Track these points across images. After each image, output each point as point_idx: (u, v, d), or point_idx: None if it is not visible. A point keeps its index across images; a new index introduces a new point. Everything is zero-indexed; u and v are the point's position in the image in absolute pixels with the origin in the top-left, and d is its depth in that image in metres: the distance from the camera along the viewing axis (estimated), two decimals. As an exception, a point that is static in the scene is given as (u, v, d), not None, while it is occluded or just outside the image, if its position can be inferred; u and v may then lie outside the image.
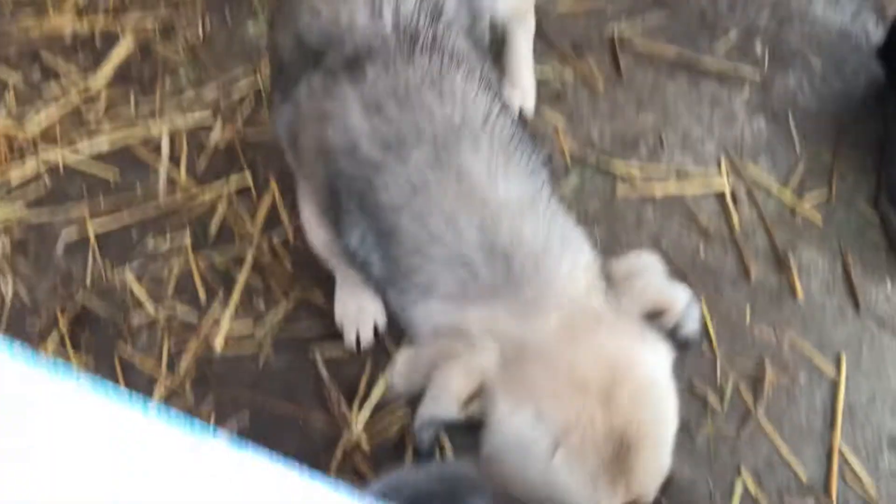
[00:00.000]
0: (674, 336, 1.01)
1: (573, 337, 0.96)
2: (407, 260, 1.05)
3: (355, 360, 1.66)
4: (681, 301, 1.01)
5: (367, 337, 1.66)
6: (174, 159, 1.88)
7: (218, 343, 1.67)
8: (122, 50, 2.03)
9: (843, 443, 1.59)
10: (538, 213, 1.03)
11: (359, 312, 1.66)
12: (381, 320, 1.66)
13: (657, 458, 0.95)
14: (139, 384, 1.63)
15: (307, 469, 1.52)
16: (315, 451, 1.57)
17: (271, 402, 1.62)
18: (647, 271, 1.03)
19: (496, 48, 1.83)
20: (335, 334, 1.68)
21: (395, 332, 1.67)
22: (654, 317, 1.00)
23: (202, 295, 1.72)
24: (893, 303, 1.75)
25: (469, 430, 0.98)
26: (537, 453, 0.93)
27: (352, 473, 1.55)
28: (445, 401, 0.95)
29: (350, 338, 1.66)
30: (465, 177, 1.03)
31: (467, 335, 0.97)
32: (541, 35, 2.00)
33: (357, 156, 1.09)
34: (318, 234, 1.35)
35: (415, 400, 0.98)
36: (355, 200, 1.11)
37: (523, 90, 1.95)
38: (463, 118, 1.07)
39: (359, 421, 1.59)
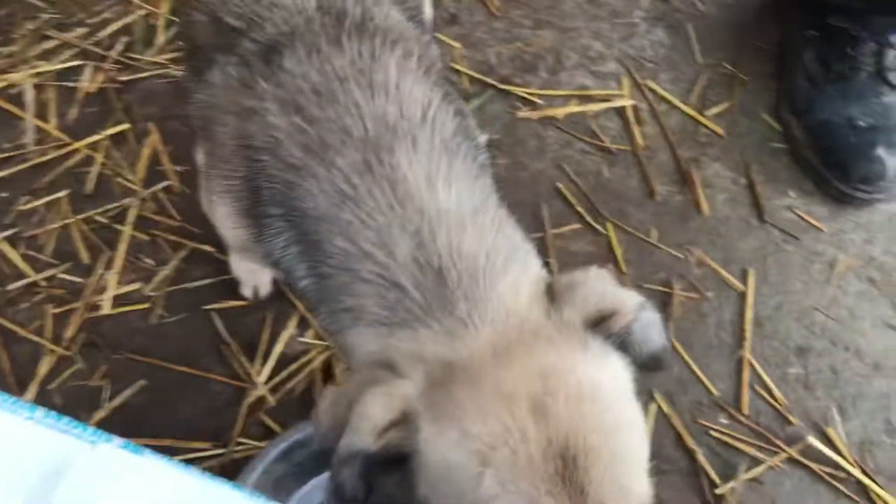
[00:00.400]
0: (639, 354, 0.91)
1: (505, 352, 0.86)
2: (335, 278, 0.95)
3: (255, 311, 1.58)
4: (629, 303, 0.91)
5: (266, 288, 1.58)
6: (41, 110, 1.73)
7: (106, 305, 1.57)
8: (-27, -8, 1.85)
9: (752, 356, 1.60)
10: (482, 223, 0.93)
11: (255, 267, 1.57)
12: (280, 275, 1.58)
13: (617, 477, 0.82)
14: (24, 356, 1.53)
15: (211, 435, 1.37)
16: (218, 410, 1.50)
17: (169, 363, 1.53)
18: (592, 280, 0.93)
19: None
20: (231, 285, 1.59)
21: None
22: (600, 324, 0.90)
23: (84, 255, 1.61)
24: (797, 212, 1.74)
25: (396, 470, 0.87)
26: (466, 479, 0.81)
27: (259, 430, 1.49)
28: (363, 431, 0.84)
29: (247, 292, 1.58)
30: (400, 183, 0.92)
31: (393, 362, 0.88)
32: (429, -46, 1.90)
33: (279, 156, 0.97)
34: (234, 235, 1.21)
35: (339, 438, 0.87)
36: (279, 206, 0.99)
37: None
38: (397, 114, 0.96)
39: (262, 375, 1.52)
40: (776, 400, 1.56)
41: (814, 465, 1.50)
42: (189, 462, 1.44)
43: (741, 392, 1.57)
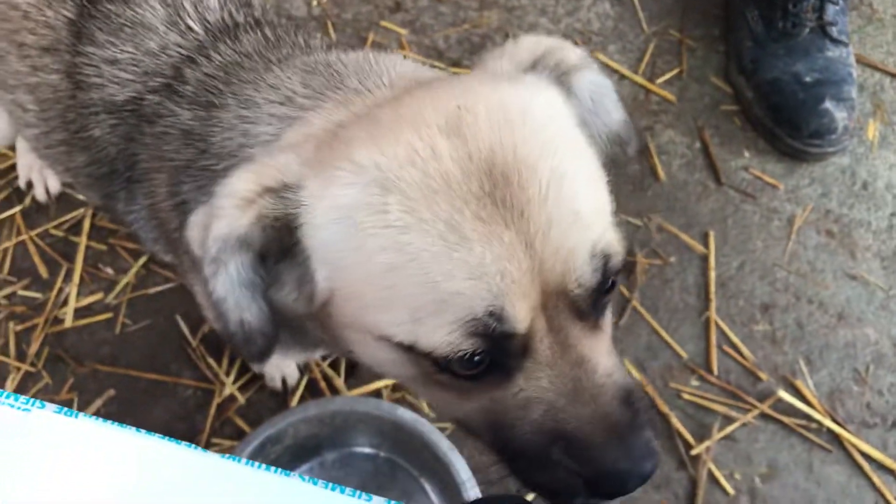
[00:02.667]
0: (597, 130, 0.82)
1: (408, 91, 0.74)
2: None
3: (220, 312, 1.57)
4: (569, 49, 0.79)
5: (294, 377, 1.50)
6: (-12, 127, 1.71)
7: (68, 318, 1.55)
8: None
9: (719, 316, 1.61)
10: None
11: (279, 361, 1.48)
12: (301, 358, 1.49)
13: (565, 197, 0.67)
14: (-12, 375, 1.51)
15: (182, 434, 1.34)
16: (189, 413, 1.49)
17: (136, 371, 1.52)
18: (524, 37, 0.82)
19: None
20: (194, 289, 1.58)
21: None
22: (534, 66, 0.78)
23: (43, 270, 1.59)
24: (752, 172, 1.76)
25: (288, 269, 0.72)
26: (368, 223, 0.65)
27: (231, 429, 1.48)
28: (227, 208, 0.68)
29: (276, 384, 1.50)
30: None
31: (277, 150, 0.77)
32: (369, -58, 1.89)
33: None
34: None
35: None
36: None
37: None
38: None
39: (230, 374, 1.51)
40: (744, 358, 1.58)
41: (785, 419, 1.52)
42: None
43: (710, 353, 1.58)
